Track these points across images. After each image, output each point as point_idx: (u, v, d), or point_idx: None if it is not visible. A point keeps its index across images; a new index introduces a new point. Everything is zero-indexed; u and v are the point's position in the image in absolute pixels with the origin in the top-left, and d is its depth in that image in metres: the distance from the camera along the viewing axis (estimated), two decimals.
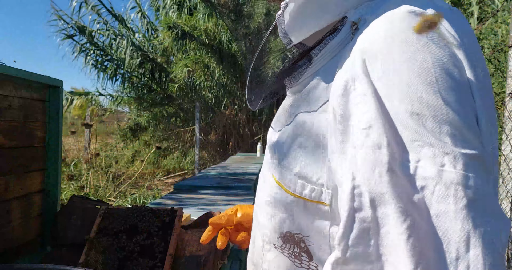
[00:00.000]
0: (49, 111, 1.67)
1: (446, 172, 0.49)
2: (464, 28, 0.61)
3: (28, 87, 1.54)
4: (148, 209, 1.49)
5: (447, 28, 0.58)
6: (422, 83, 0.52)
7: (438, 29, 0.57)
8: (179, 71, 9.29)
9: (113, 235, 1.45)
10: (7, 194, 1.44)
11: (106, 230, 1.46)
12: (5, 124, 1.42)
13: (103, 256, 1.41)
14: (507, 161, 2.35)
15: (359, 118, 0.55)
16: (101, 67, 10.39)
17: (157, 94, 10.46)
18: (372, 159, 0.52)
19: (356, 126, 0.55)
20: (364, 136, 0.54)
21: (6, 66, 1.38)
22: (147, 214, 1.48)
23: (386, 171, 0.51)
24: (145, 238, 1.43)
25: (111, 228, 1.46)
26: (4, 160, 1.42)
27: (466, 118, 0.53)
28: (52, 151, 1.67)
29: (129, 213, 1.49)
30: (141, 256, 1.41)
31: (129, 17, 10.97)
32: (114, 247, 1.42)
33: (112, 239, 1.43)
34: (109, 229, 1.46)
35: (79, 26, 10.08)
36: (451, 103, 0.52)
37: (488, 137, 0.56)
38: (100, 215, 1.48)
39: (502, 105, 3.39)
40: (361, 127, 0.54)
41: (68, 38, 10.11)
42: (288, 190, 0.68)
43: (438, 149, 0.50)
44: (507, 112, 2.33)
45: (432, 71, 0.53)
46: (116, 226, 1.46)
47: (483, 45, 5.29)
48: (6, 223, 1.44)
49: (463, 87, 0.54)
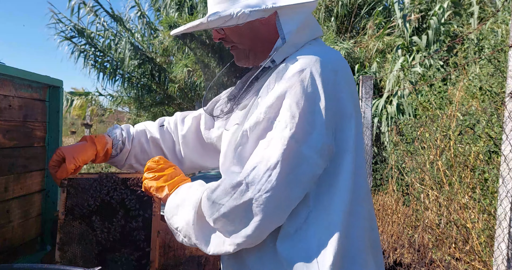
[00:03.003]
0: (49, 111, 1.67)
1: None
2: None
3: (28, 87, 1.54)
4: (117, 179, 1.39)
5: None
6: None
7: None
8: (179, 71, 9.28)
9: (85, 218, 1.35)
10: (7, 194, 1.43)
11: (75, 210, 1.36)
12: (5, 124, 1.41)
13: (80, 248, 1.33)
14: (507, 161, 2.35)
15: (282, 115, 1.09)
16: (101, 68, 10.39)
17: (157, 94, 10.45)
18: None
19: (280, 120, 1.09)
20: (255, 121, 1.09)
21: (6, 66, 1.38)
22: (118, 187, 1.37)
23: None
24: (122, 220, 1.34)
25: (80, 207, 1.36)
26: (5, 160, 1.41)
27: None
28: (52, 151, 1.66)
29: (96, 185, 1.38)
30: (123, 245, 1.33)
31: (129, 17, 10.96)
32: (89, 236, 1.34)
33: (86, 223, 1.35)
34: (78, 209, 1.36)
35: (78, 29, 10.08)
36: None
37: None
38: (64, 191, 1.37)
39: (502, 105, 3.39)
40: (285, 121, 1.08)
41: (66, 40, 10.11)
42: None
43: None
44: (507, 112, 2.33)
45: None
46: (86, 205, 1.36)
47: (483, 45, 5.29)
48: (6, 223, 1.44)
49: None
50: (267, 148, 1.04)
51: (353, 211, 1.08)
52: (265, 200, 1.02)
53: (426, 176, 4.05)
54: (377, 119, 6.18)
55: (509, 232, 2.35)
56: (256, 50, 1.23)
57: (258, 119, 1.07)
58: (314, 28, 1.24)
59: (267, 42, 1.20)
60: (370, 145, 3.92)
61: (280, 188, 1.02)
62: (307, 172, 1.04)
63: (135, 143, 1.52)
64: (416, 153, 4.41)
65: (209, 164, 1.56)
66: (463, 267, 3.32)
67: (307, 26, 1.20)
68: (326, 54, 1.14)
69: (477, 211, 3.37)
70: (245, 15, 1.12)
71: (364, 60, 7.51)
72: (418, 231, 3.98)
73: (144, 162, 1.50)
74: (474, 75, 4.69)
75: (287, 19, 1.17)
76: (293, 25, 1.16)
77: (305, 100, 1.04)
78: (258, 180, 1.02)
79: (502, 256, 2.40)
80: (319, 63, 1.09)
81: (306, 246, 1.04)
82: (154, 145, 1.53)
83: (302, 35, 1.20)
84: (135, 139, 1.52)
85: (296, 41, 1.18)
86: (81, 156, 1.38)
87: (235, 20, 1.12)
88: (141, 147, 1.52)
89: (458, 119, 4.09)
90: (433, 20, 6.71)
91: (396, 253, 4.07)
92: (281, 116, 1.05)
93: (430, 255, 3.70)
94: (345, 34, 8.38)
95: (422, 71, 5.99)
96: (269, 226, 1.05)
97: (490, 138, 3.60)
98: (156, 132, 1.53)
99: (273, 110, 1.06)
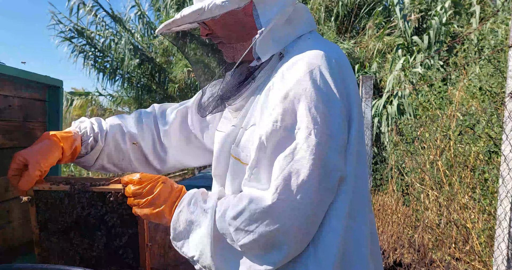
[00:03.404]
0: (49, 111, 1.67)
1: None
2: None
3: (28, 87, 1.54)
4: (93, 194, 1.17)
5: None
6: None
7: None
8: (179, 71, 9.28)
9: (62, 233, 1.18)
10: (7, 194, 1.43)
11: (49, 226, 1.19)
12: (5, 124, 1.41)
13: (63, 263, 1.19)
14: (507, 161, 2.35)
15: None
16: (101, 68, 10.38)
17: (157, 94, 10.45)
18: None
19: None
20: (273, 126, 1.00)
21: (6, 66, 1.38)
22: (95, 202, 1.17)
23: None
24: (105, 237, 1.17)
25: (54, 222, 1.18)
26: (4, 160, 1.41)
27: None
28: None
29: (68, 200, 1.17)
30: (110, 263, 1.18)
31: (129, 17, 10.96)
32: (70, 252, 1.19)
33: (64, 239, 1.19)
34: (52, 224, 1.18)
35: (78, 29, 10.08)
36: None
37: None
38: (32, 204, 1.18)
39: (502, 105, 3.39)
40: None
41: (66, 40, 10.11)
42: (243, 161, 1.09)
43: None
44: (507, 112, 2.33)
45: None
46: (60, 221, 1.18)
47: (483, 46, 5.29)
48: (6, 223, 1.44)
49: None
50: (292, 160, 0.95)
51: (354, 216, 1.02)
52: (303, 220, 0.95)
53: (426, 176, 4.04)
54: (377, 119, 6.18)
55: (509, 232, 2.35)
56: (244, 42, 1.15)
57: (274, 128, 0.98)
58: (307, 21, 1.17)
59: (251, 32, 1.11)
60: (370, 145, 3.92)
61: (315, 202, 0.95)
62: (336, 177, 0.98)
63: (108, 139, 1.33)
64: (416, 153, 4.41)
65: (192, 162, 1.44)
66: (463, 267, 3.32)
67: (295, 18, 1.13)
68: (329, 49, 1.08)
69: (477, 211, 3.37)
70: (217, 6, 1.04)
71: (364, 60, 7.50)
72: (418, 231, 3.98)
73: (118, 162, 1.35)
74: (474, 75, 4.69)
75: (265, 7, 1.08)
76: (271, 13, 1.07)
77: (323, 103, 0.97)
78: (292, 200, 0.94)
79: (502, 256, 2.39)
80: (325, 59, 1.02)
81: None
82: (131, 143, 1.36)
83: (289, 28, 1.12)
84: (108, 135, 1.33)
85: (282, 35, 1.10)
86: (46, 159, 1.17)
87: (209, 12, 1.05)
88: (116, 145, 1.34)
89: (458, 119, 4.09)
90: (435, 20, 6.71)
91: (396, 253, 4.07)
92: (301, 122, 0.96)
93: (430, 255, 3.70)
94: (345, 34, 8.37)
95: (423, 71, 5.99)
96: (306, 243, 0.98)
97: (490, 138, 3.60)
98: (134, 127, 1.36)
99: (289, 116, 0.97)
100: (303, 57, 1.04)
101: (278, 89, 1.01)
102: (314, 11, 8.69)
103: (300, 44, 1.10)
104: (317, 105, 0.96)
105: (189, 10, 1.08)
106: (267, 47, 1.09)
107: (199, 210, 1.05)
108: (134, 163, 1.39)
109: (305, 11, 1.17)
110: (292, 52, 1.09)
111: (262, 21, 1.07)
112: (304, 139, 0.95)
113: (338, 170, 0.98)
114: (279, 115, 0.98)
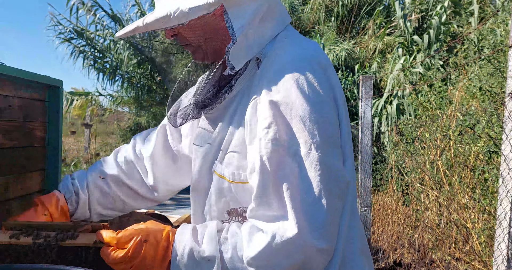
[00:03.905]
0: (49, 111, 1.67)
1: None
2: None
3: (28, 87, 1.54)
4: (62, 250, 1.01)
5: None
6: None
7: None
8: (179, 71, 9.29)
9: None
10: (7, 194, 1.43)
11: None
12: (5, 124, 1.41)
13: None
14: (507, 161, 2.35)
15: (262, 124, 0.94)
16: (101, 68, 10.39)
17: (157, 94, 10.45)
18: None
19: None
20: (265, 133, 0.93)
21: (6, 66, 1.38)
22: (65, 259, 1.00)
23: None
24: None
25: None
26: (4, 160, 1.41)
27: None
28: (52, 151, 1.66)
29: (32, 257, 1.00)
30: None
31: (129, 18, 10.96)
32: None
33: None
34: None
35: (77, 30, 10.08)
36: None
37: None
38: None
39: (502, 105, 3.39)
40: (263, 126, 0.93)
41: (66, 41, 10.12)
42: (229, 179, 1.02)
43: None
44: (507, 112, 2.33)
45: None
46: None
47: (483, 46, 5.29)
48: None
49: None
50: (299, 180, 0.90)
51: (353, 215, 1.02)
52: (326, 238, 0.90)
53: (426, 176, 4.05)
54: (377, 119, 6.18)
55: (509, 232, 2.35)
56: (215, 46, 1.07)
57: (274, 148, 0.91)
58: (281, 16, 1.06)
59: (225, 36, 1.03)
60: (370, 145, 3.92)
61: (331, 214, 0.90)
62: (344, 185, 0.95)
63: (91, 188, 1.29)
64: (416, 153, 4.41)
65: (187, 181, 1.32)
66: (463, 267, 3.32)
67: (268, 15, 1.03)
68: (309, 50, 1.02)
69: (477, 211, 3.37)
70: (184, 14, 0.94)
71: (364, 60, 7.51)
72: (418, 231, 3.98)
73: (112, 206, 1.31)
74: (474, 75, 4.69)
75: (237, 12, 0.98)
76: (244, 18, 0.98)
77: (316, 112, 0.92)
78: (313, 222, 0.88)
79: (502, 256, 2.40)
80: (309, 64, 0.97)
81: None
82: (116, 184, 1.31)
83: (264, 29, 1.02)
84: (90, 185, 1.30)
85: (257, 38, 1.01)
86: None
87: (175, 20, 0.96)
88: (101, 191, 1.30)
89: (458, 119, 4.09)
90: (435, 19, 6.72)
91: (396, 253, 4.07)
92: (299, 138, 0.91)
93: (430, 255, 3.70)
94: (345, 34, 8.38)
95: (423, 71, 6.00)
96: (331, 255, 0.94)
97: (490, 138, 3.60)
98: (114, 168, 1.31)
99: (285, 134, 0.91)
100: (285, 65, 0.97)
101: (266, 105, 0.94)
102: (314, 11, 8.69)
103: (278, 46, 1.02)
104: (310, 116, 0.92)
105: (153, 18, 0.98)
106: (241, 54, 1.00)
107: (199, 262, 0.93)
108: (128, 203, 1.34)
109: (276, 2, 1.06)
110: (270, 56, 1.01)
111: (235, 27, 0.98)
112: (306, 156, 0.91)
113: (343, 176, 0.95)
114: (275, 133, 0.92)
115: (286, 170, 0.91)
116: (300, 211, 0.88)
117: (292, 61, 0.97)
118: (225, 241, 0.94)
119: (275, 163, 0.91)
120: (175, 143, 1.31)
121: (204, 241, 0.95)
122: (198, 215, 1.14)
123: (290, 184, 0.90)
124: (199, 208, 1.13)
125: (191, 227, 0.99)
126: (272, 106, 0.93)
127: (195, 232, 0.98)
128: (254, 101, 0.97)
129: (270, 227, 0.90)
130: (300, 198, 0.89)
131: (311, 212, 0.89)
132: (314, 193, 0.89)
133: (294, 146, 0.91)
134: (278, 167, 0.91)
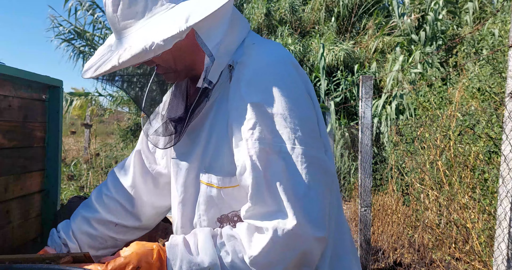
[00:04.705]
0: (49, 111, 1.67)
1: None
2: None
3: (28, 87, 1.54)
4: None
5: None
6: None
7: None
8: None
9: None
10: (7, 194, 1.43)
11: None
12: (5, 124, 1.41)
13: None
14: (507, 161, 2.35)
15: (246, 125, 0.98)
16: None
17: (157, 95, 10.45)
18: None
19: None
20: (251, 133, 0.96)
21: (6, 66, 1.38)
22: None
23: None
24: None
25: None
26: (4, 160, 1.41)
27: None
28: (52, 151, 1.66)
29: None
30: None
31: None
32: None
33: None
34: None
35: (77, 31, 10.08)
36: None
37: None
38: None
39: (502, 105, 3.40)
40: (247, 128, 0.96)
41: (66, 42, 10.12)
42: (217, 186, 1.04)
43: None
44: (507, 112, 2.33)
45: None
46: None
47: (482, 46, 5.29)
48: (6, 223, 1.44)
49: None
50: (289, 175, 0.94)
51: (340, 207, 1.09)
52: (322, 227, 0.93)
53: (426, 176, 4.05)
54: (377, 119, 6.18)
55: (509, 232, 2.35)
56: (186, 64, 1.09)
57: (262, 147, 0.95)
58: (243, 22, 1.11)
59: (196, 51, 1.07)
60: (370, 145, 3.92)
61: (324, 203, 0.94)
62: (331, 173, 1.00)
63: (78, 236, 1.29)
64: (416, 153, 4.41)
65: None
66: (463, 267, 3.32)
67: (234, 25, 1.07)
68: (278, 51, 1.06)
69: (477, 211, 3.37)
70: (160, 46, 0.94)
71: (364, 60, 7.50)
72: (418, 231, 3.98)
73: (104, 246, 1.31)
74: (473, 75, 4.70)
75: (208, 32, 1.01)
76: (217, 36, 1.01)
77: (295, 108, 0.97)
78: (309, 212, 0.92)
79: (502, 256, 2.40)
80: (282, 64, 1.02)
81: None
82: (101, 225, 1.30)
83: (232, 37, 1.06)
84: (76, 233, 1.29)
85: (228, 47, 1.05)
86: None
87: (151, 53, 0.95)
88: (89, 235, 1.30)
89: (458, 119, 4.09)
90: (430, 15, 6.74)
91: (396, 253, 4.07)
92: (282, 134, 0.95)
93: (430, 255, 3.70)
94: (345, 34, 8.38)
95: (422, 71, 6.00)
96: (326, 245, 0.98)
97: (490, 138, 3.60)
98: (96, 209, 1.31)
99: (269, 133, 0.95)
100: (262, 67, 1.01)
101: (248, 107, 0.97)
102: (314, 11, 8.69)
103: (247, 52, 1.05)
104: (291, 112, 0.96)
105: (128, 55, 0.96)
106: (215, 68, 1.03)
107: None
108: (119, 238, 1.33)
109: (236, 11, 1.10)
110: (243, 61, 1.04)
111: (210, 47, 1.00)
112: (291, 151, 0.95)
113: (329, 166, 1.00)
114: (260, 133, 0.95)
115: (275, 167, 0.95)
116: (296, 204, 0.92)
117: (268, 64, 1.02)
118: (223, 246, 0.96)
119: (264, 161, 0.95)
120: (153, 165, 1.31)
121: (200, 251, 0.96)
122: (186, 227, 1.13)
123: (281, 180, 0.94)
124: (187, 221, 1.12)
125: (181, 240, 0.99)
126: (254, 107, 0.97)
127: (187, 244, 0.98)
128: (235, 105, 1.01)
129: (270, 224, 0.92)
130: (293, 192, 0.93)
131: (305, 203, 0.92)
132: (305, 185, 0.93)
133: (279, 143, 0.95)
134: (268, 165, 0.95)
